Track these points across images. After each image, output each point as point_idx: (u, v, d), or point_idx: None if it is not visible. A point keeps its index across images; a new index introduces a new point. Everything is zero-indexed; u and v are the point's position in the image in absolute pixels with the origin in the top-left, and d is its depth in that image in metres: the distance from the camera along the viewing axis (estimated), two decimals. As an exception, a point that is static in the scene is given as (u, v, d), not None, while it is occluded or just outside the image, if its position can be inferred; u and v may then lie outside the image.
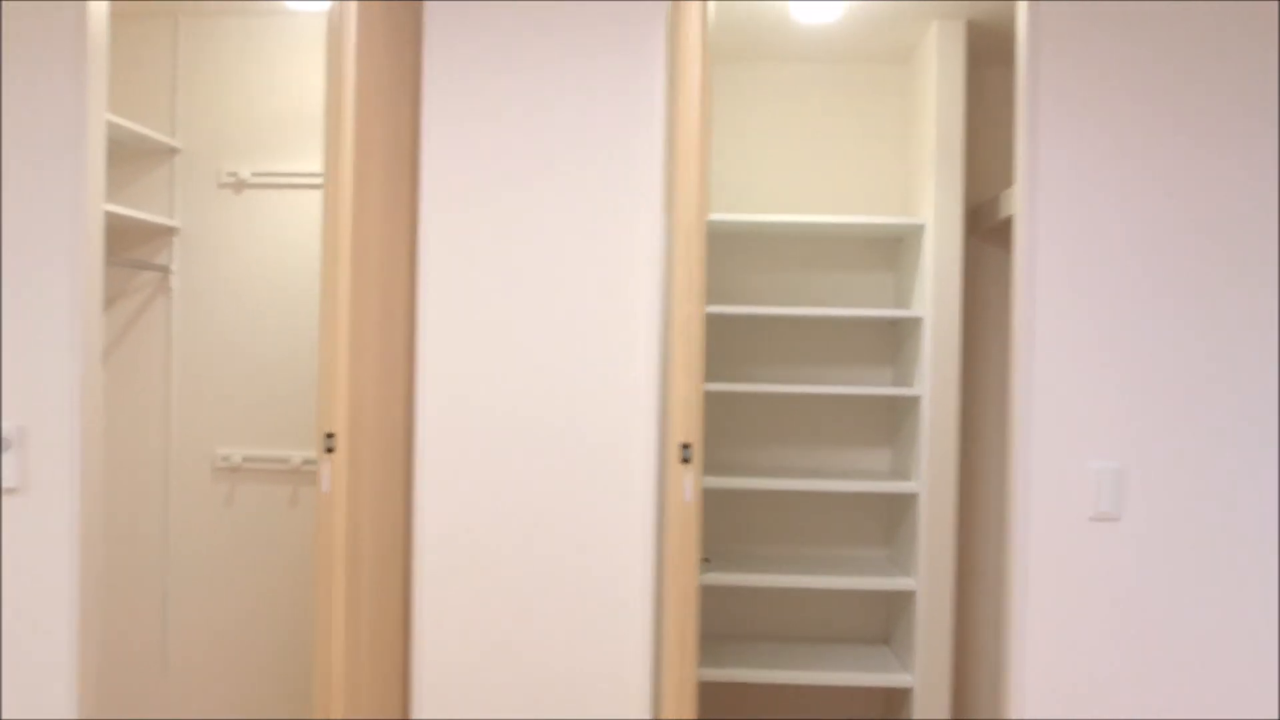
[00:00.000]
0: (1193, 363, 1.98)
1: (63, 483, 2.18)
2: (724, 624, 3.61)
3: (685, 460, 1.89)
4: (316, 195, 3.22)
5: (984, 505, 3.58)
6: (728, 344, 3.60)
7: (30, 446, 2.19)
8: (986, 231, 3.46)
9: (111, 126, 2.93)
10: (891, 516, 3.54)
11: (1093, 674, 1.99)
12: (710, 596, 3.61)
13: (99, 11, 2.07)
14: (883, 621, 3.59)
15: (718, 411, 3.59)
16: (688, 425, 1.90)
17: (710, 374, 3.60)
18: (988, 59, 3.53)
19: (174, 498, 3.28)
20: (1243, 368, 1.97)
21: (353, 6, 1.90)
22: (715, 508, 3.59)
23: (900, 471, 3.43)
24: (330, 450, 1.84)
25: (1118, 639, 1.99)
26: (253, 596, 3.27)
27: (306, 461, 3.23)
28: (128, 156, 3.28)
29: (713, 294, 3.60)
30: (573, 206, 2.15)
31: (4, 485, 2.18)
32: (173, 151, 3.26)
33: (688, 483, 1.89)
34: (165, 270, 3.25)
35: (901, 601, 3.38)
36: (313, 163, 3.23)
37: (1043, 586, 1.99)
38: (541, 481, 2.12)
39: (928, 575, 3.15)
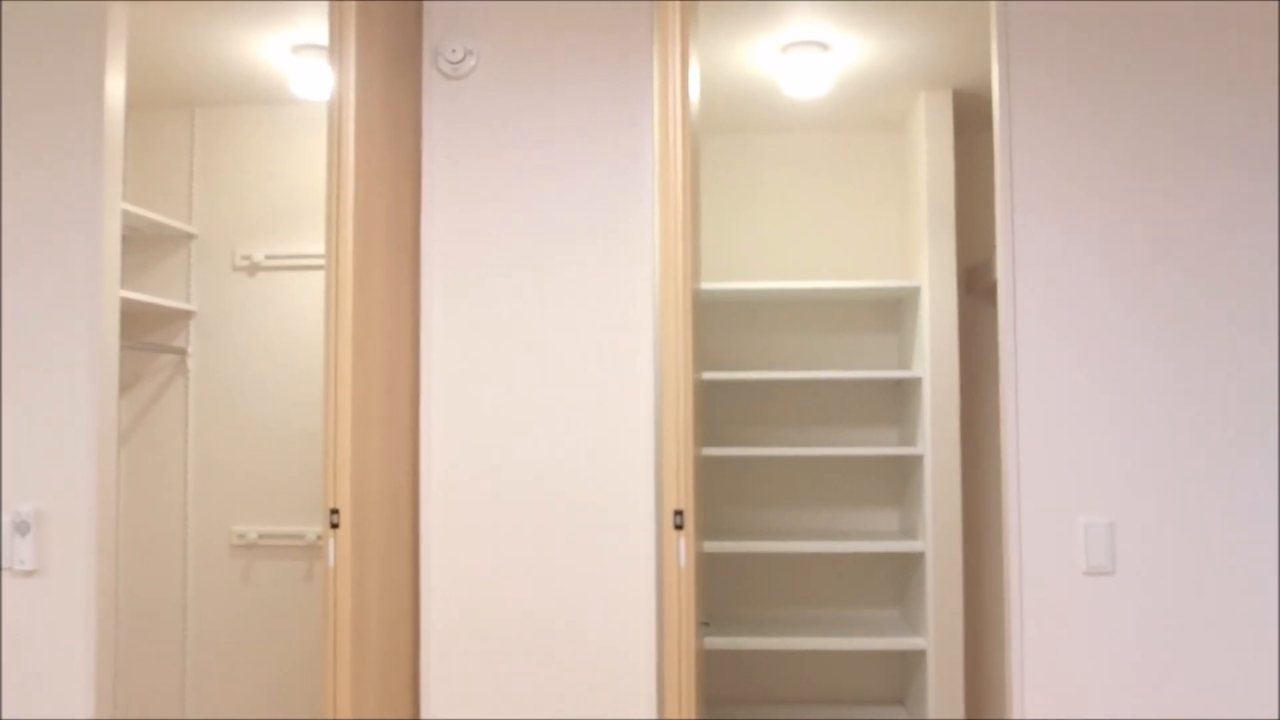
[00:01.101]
0: (1180, 415, 2.01)
1: (79, 564, 2.24)
2: (738, 688, 3.60)
3: (678, 527, 1.93)
4: (327, 275, 3.32)
5: (991, 562, 3.58)
6: (736, 408, 3.64)
7: (48, 529, 2.26)
8: (984, 291, 3.51)
9: (130, 215, 3.05)
10: (902, 576, 3.54)
11: (1097, 730, 2.00)
12: (724, 660, 3.60)
13: (115, 103, 2.19)
14: (897, 681, 3.57)
15: (727, 475, 3.63)
16: (680, 492, 1.94)
17: (719, 438, 3.64)
18: (980, 124, 3.62)
19: (192, 575, 3.33)
20: (1229, 418, 2.00)
21: (351, 96, 2.00)
22: (726, 571, 3.60)
23: (909, 530, 3.44)
24: (335, 526, 1.89)
25: (1117, 692, 1.99)
26: (270, 670, 3.30)
27: (321, 537, 3.28)
28: (146, 243, 3.40)
29: (720, 359, 3.66)
30: (572, 279, 2.23)
31: (23, 568, 2.24)
32: (189, 237, 3.38)
33: (682, 548, 1.92)
34: (183, 353, 3.34)
35: (914, 661, 3.36)
36: (323, 244, 3.34)
37: (1040, 641, 2.00)
38: (545, 549, 2.16)
39: (937, 634, 3.15)
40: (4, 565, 2.25)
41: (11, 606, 2.24)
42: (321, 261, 3.34)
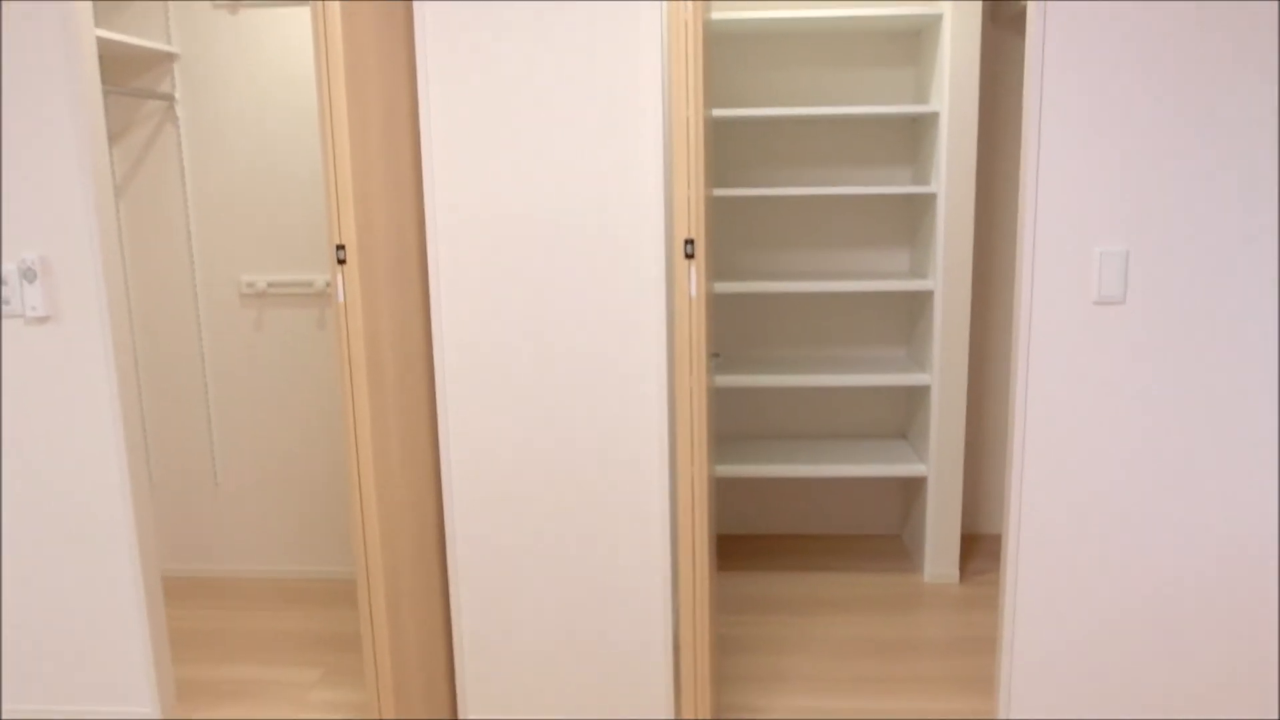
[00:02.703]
0: (1198, 149, 1.94)
1: (91, 310, 2.25)
2: (748, 424, 3.72)
3: (689, 256, 1.91)
4: (314, 12, 3.13)
5: (999, 302, 3.60)
6: (744, 147, 3.55)
7: (55, 275, 2.25)
8: (1008, 21, 3.32)
9: (97, -53, 2.84)
10: (911, 315, 3.57)
11: (1091, 456, 2.06)
12: (734, 397, 3.70)
13: None
14: (901, 416, 3.68)
15: (735, 217, 3.58)
16: (691, 221, 1.90)
17: (728, 179, 3.56)
18: None
19: (205, 324, 3.37)
20: (1248, 153, 1.93)
21: None
22: (737, 312, 3.63)
23: (919, 270, 3.43)
24: (342, 262, 1.87)
25: (1117, 423, 2.04)
26: (290, 414, 3.40)
27: (330, 285, 3.28)
28: (119, -20, 3.19)
29: (728, 96, 3.52)
30: (575, 10, 2.09)
31: (36, 314, 2.25)
32: (164, -28, 3.17)
33: (693, 277, 1.91)
34: (169, 98, 3.22)
35: (918, 397, 3.45)
36: (307, -23, 3.13)
37: (1045, 371, 2.02)
38: (553, 277, 2.15)
39: (942, 371, 3.20)
40: (16, 312, 2.27)
41: (31, 353, 2.28)
42: (307, -4, 3.14)
